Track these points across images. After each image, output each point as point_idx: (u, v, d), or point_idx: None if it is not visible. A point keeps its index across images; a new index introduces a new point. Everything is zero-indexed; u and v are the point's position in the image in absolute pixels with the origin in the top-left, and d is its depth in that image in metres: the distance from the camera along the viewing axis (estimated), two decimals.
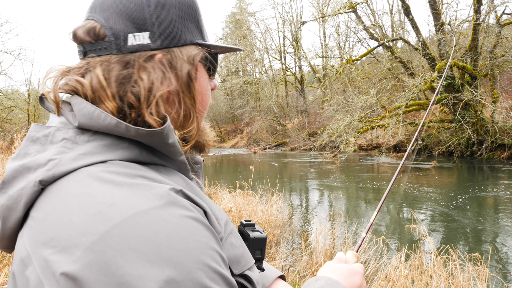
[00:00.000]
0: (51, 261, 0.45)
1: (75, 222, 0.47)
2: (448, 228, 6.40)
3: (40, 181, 0.54)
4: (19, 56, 28.80)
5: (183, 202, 0.53)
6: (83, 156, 0.56)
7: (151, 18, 0.65)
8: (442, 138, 17.68)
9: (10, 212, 0.55)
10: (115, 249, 0.44)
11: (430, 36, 22.89)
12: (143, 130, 0.58)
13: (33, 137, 0.61)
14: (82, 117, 0.59)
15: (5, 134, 22.01)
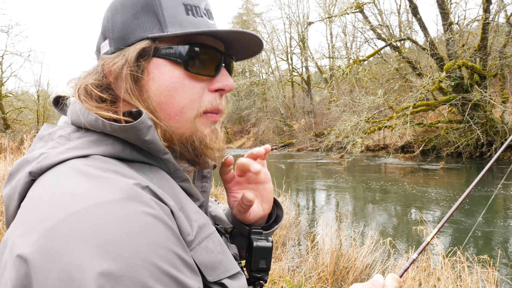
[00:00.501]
0: (14, 243, 0.47)
1: (41, 208, 0.50)
2: (457, 230, 6.33)
3: (30, 173, 0.58)
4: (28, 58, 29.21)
5: (145, 198, 0.53)
6: (69, 150, 0.59)
7: (108, 25, 0.69)
8: (451, 138, 17.52)
9: (10, 201, 0.59)
10: (64, 237, 0.45)
11: (439, 36, 22.73)
12: (115, 125, 0.60)
13: (40, 135, 0.67)
14: (73, 115, 0.64)
15: (15, 134, 22.27)
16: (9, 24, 28.65)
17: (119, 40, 0.67)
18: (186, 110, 0.68)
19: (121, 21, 0.68)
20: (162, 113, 0.67)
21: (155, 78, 0.67)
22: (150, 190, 0.56)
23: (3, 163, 10.54)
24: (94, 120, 0.61)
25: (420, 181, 11.48)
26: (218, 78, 0.72)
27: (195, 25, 0.69)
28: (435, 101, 17.48)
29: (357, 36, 33.34)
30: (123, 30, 0.67)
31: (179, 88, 0.67)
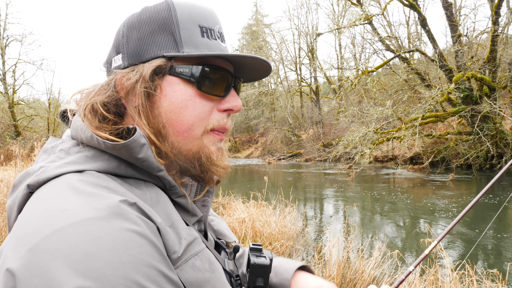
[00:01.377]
0: (6, 256, 0.49)
1: (32, 223, 0.51)
2: (466, 243, 6.26)
3: (28, 185, 0.59)
4: (41, 66, 29.75)
5: (130, 215, 0.53)
6: (65, 165, 0.61)
7: (123, 40, 0.71)
8: (460, 150, 17.35)
9: (11, 212, 0.61)
10: (49, 253, 0.46)
11: (448, 48, 22.69)
12: (108, 143, 0.62)
13: (45, 148, 0.69)
14: (73, 130, 0.67)
15: (26, 142, 22.57)
16: (23, 33, 29.30)
17: (134, 55, 0.69)
18: (194, 127, 0.70)
19: (137, 37, 0.70)
20: (171, 129, 0.69)
21: (168, 95, 0.69)
22: (137, 207, 0.56)
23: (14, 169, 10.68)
24: (89, 136, 0.63)
25: (429, 193, 11.37)
26: (228, 98, 0.75)
27: (210, 48, 0.71)
28: (444, 113, 17.37)
29: (366, 47, 33.37)
30: (138, 46, 0.69)
31: (190, 106, 0.70)
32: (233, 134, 48.56)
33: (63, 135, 0.72)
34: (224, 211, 6.93)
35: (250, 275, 0.82)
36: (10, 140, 22.32)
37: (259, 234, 5.39)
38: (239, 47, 53.36)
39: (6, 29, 28.42)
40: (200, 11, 0.73)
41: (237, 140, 47.99)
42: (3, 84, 28.20)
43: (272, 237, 5.30)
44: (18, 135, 25.75)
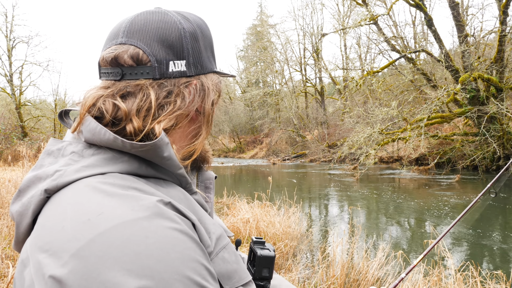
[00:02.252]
0: (43, 264, 0.49)
1: (67, 228, 0.51)
2: (470, 244, 6.23)
3: (45, 190, 0.58)
4: (47, 67, 30.05)
5: (169, 214, 0.55)
6: (85, 168, 0.61)
7: (188, 48, 0.72)
8: (466, 151, 17.24)
9: (22, 218, 0.60)
10: (97, 256, 0.47)
11: (454, 48, 22.56)
12: (136, 144, 0.62)
13: (48, 151, 0.67)
14: (87, 133, 0.64)
15: (33, 142, 22.75)
16: (29, 35, 29.58)
17: (198, 66, 0.74)
18: None
19: (198, 49, 0.74)
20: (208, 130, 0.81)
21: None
22: (172, 205, 0.58)
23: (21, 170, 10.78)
24: (112, 139, 0.62)
25: (435, 194, 11.32)
26: None
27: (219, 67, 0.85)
28: (450, 114, 17.28)
29: (371, 47, 33.27)
30: (199, 58, 0.74)
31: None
32: (238, 135, 48.60)
33: (66, 136, 0.71)
34: (229, 211, 6.95)
35: (256, 266, 0.86)
36: (17, 140, 22.52)
37: (263, 234, 5.41)
38: (243, 48, 53.42)
39: (13, 31, 28.66)
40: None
41: (242, 141, 48.03)
42: (10, 85, 28.46)
43: (276, 237, 5.32)
44: (25, 136, 25.97)
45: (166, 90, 0.69)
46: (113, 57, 0.69)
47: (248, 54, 51.81)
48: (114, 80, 0.69)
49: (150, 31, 0.70)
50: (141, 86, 0.67)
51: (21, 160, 14.66)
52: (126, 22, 0.71)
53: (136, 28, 0.70)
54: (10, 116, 27.83)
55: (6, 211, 5.78)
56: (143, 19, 0.71)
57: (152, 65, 0.68)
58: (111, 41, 0.71)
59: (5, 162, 17.67)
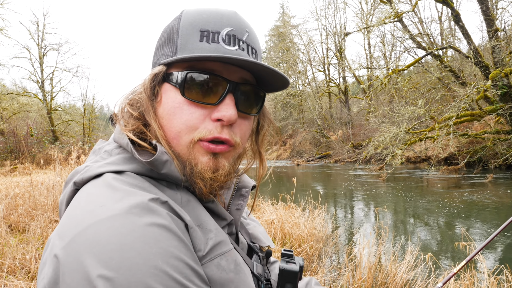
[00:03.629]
0: (53, 244, 0.55)
1: (76, 215, 0.57)
2: (505, 247, 5.99)
3: (74, 182, 0.66)
4: (76, 73, 31.04)
5: (161, 212, 0.58)
6: (107, 165, 0.67)
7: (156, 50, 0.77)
8: (499, 150, 16.62)
9: (61, 206, 0.68)
10: (87, 242, 0.51)
11: (483, 43, 21.82)
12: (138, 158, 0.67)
13: (94, 150, 0.76)
14: (115, 135, 0.73)
15: (63, 146, 23.51)
16: (59, 43, 30.49)
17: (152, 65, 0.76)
18: (182, 135, 0.70)
19: (155, 49, 0.76)
20: (165, 135, 0.71)
21: (162, 102, 0.71)
22: (168, 205, 0.61)
23: (53, 173, 11.15)
24: (125, 144, 0.69)
25: (465, 195, 10.96)
26: (220, 107, 0.70)
27: (203, 51, 0.68)
28: (480, 111, 16.70)
29: (396, 45, 32.63)
30: (154, 59, 0.76)
31: (178, 113, 0.69)
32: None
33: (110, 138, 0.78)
34: (253, 212, 6.97)
35: (279, 280, 0.84)
36: (48, 144, 23.33)
37: (288, 236, 5.39)
38: (266, 49, 53.45)
39: (44, 39, 29.73)
40: (208, 16, 0.71)
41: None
42: (41, 91, 29.52)
43: (301, 239, 5.29)
44: (56, 140, 26.87)
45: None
46: None
47: (271, 56, 51.81)
48: None
49: None
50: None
51: (52, 164, 15.18)
52: None
53: None
54: (42, 121, 28.85)
55: (40, 212, 5.99)
56: None
57: None
58: None
59: (37, 166, 18.34)
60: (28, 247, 4.51)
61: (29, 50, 29.07)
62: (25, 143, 21.85)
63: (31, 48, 29.69)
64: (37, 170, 16.47)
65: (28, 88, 38.29)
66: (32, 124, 25.34)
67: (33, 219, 5.95)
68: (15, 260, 4.10)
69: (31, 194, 6.76)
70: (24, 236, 5.32)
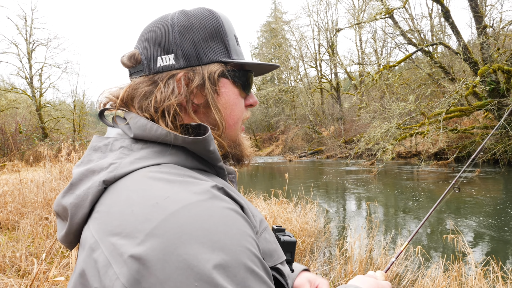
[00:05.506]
0: (118, 245, 0.53)
1: (137, 212, 0.55)
2: (491, 240, 6.10)
3: (104, 181, 0.63)
4: (66, 69, 30.58)
5: (224, 197, 0.61)
6: (138, 160, 0.66)
7: (175, 42, 0.75)
8: (487, 145, 16.85)
9: (78, 209, 0.64)
10: (172, 233, 0.51)
11: (472, 40, 22.03)
12: (188, 138, 0.68)
13: (95, 147, 0.73)
14: (137, 129, 0.70)
15: (53, 143, 23.27)
16: (48, 38, 30.18)
17: (191, 58, 0.75)
18: (239, 122, 0.84)
19: (192, 41, 0.76)
20: (226, 123, 0.80)
21: (223, 94, 0.79)
22: (224, 190, 0.64)
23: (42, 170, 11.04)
24: (164, 134, 0.68)
25: (454, 189, 11.10)
26: (250, 95, 0.87)
27: (242, 54, 0.86)
28: (469, 107, 16.90)
29: (387, 41, 32.79)
30: (195, 50, 0.76)
31: (237, 104, 0.82)
32: (253, 132, 48.63)
33: (110, 133, 0.76)
34: None
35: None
36: (38, 141, 23.06)
37: None
38: (258, 45, 53.38)
39: (32, 34, 29.32)
40: (230, 21, 0.84)
41: (258, 138, 48.07)
42: (30, 87, 29.15)
43: (293, 234, 5.31)
44: (46, 137, 26.58)
45: (153, 84, 0.74)
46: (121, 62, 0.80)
47: (263, 52, 51.75)
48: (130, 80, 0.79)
49: (146, 32, 0.78)
50: (140, 81, 0.75)
51: (42, 161, 15.03)
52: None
53: (141, 33, 0.80)
54: (31, 118, 28.52)
55: (29, 210, 5.94)
56: (150, 23, 0.80)
57: (143, 63, 0.76)
58: None
59: (27, 163, 18.14)
60: (18, 245, 4.48)
61: (17, 45, 28.68)
62: (14, 140, 21.59)
63: (19, 44, 29.29)
64: (26, 168, 16.29)
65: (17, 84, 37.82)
66: (21, 121, 25.03)
67: (23, 216, 5.90)
68: (5, 258, 4.07)
69: (20, 191, 6.70)
70: (14, 234, 5.28)
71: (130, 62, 0.78)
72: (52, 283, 3.18)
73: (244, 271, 0.52)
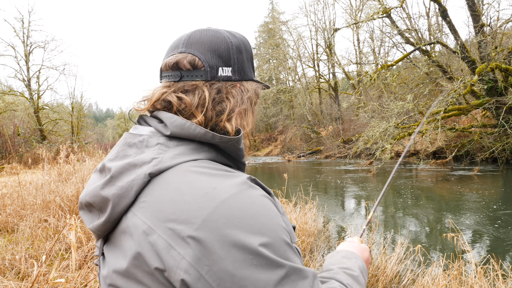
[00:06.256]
0: (177, 230, 0.62)
1: (189, 201, 0.64)
2: (491, 238, 6.11)
3: (149, 174, 0.70)
4: (63, 71, 30.53)
5: (257, 186, 0.72)
6: (178, 156, 0.74)
7: (234, 58, 0.88)
8: (485, 143, 16.88)
9: (121, 199, 0.70)
10: (224, 218, 0.62)
11: (470, 39, 22.09)
12: (225, 138, 0.78)
13: (129, 143, 0.79)
14: (174, 128, 0.77)
15: (51, 145, 23.20)
16: (45, 40, 30.05)
17: (241, 73, 0.90)
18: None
19: (241, 60, 0.90)
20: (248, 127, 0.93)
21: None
22: (257, 181, 0.74)
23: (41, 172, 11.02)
24: (203, 133, 0.76)
25: (453, 188, 11.13)
26: None
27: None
28: (467, 105, 16.93)
29: (385, 41, 32.83)
30: (242, 67, 0.90)
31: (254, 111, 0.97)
32: (252, 133, 48.52)
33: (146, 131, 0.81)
34: None
35: None
36: (36, 144, 22.99)
37: None
38: (256, 45, 53.39)
39: (30, 36, 29.22)
40: None
41: (256, 139, 48.07)
42: (28, 89, 29.05)
43: None
44: (44, 139, 26.53)
45: (216, 89, 0.84)
46: (174, 62, 0.85)
47: (261, 52, 51.76)
48: (173, 81, 0.85)
49: (205, 43, 0.86)
50: (196, 86, 0.83)
51: (41, 163, 15.00)
52: (185, 36, 0.88)
53: (194, 41, 0.86)
54: (29, 120, 28.42)
55: (29, 212, 5.93)
56: (199, 34, 0.88)
57: (205, 69, 0.84)
58: (173, 50, 0.87)
59: (25, 165, 18.10)
60: (17, 247, 4.46)
61: (14, 47, 28.57)
62: (12, 143, 21.52)
63: (16, 46, 29.04)
64: (25, 170, 16.25)
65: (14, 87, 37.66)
66: (19, 123, 24.94)
67: (22, 219, 5.88)
68: (4, 261, 4.06)
69: (19, 194, 6.68)
70: (13, 236, 5.26)
71: (190, 65, 0.84)
72: (52, 285, 3.17)
73: (283, 244, 0.65)
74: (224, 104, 0.84)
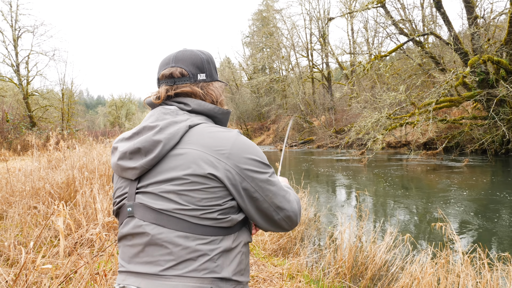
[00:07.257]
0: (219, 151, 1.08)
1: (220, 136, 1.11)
2: (478, 228, 6.21)
3: (189, 126, 1.13)
4: (53, 57, 29.87)
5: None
6: (199, 119, 1.19)
7: (206, 67, 1.31)
8: (475, 135, 17.07)
9: (170, 141, 1.10)
10: (239, 146, 1.10)
11: (463, 30, 22.13)
12: (225, 110, 1.28)
13: (164, 112, 1.19)
14: (195, 105, 1.22)
15: (41, 132, 22.93)
16: (34, 24, 29.42)
17: (211, 76, 1.32)
18: None
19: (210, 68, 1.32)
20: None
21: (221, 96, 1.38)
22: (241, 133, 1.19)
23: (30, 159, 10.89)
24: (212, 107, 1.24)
25: (443, 178, 11.26)
26: None
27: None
28: (459, 97, 17.05)
29: (379, 31, 32.79)
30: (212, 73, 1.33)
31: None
32: (244, 122, 48.52)
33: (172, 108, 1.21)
34: None
35: None
36: (26, 130, 22.69)
37: None
38: (249, 34, 52.97)
39: (18, 20, 28.58)
40: None
41: (249, 128, 48.02)
42: (17, 75, 28.53)
43: None
44: (34, 126, 26.17)
45: (199, 87, 1.27)
46: (169, 73, 1.26)
47: (254, 40, 51.40)
48: (170, 85, 1.25)
49: (187, 59, 1.28)
50: (187, 86, 1.25)
51: (30, 150, 14.83)
52: (172, 56, 1.28)
53: (179, 59, 1.27)
54: (18, 106, 28.00)
55: (18, 199, 5.87)
56: (182, 54, 1.28)
57: (189, 76, 1.26)
58: (165, 65, 1.28)
59: (14, 152, 17.88)
60: (6, 234, 4.42)
61: (2, 32, 27.94)
62: (1, 129, 21.22)
63: (4, 30, 28.41)
64: (14, 157, 16.05)
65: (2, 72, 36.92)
66: (8, 110, 24.56)
67: (11, 206, 5.82)
68: None
69: (8, 180, 6.60)
70: (2, 223, 5.21)
71: (180, 74, 1.25)
72: (41, 272, 3.16)
73: (267, 160, 1.16)
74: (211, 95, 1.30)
